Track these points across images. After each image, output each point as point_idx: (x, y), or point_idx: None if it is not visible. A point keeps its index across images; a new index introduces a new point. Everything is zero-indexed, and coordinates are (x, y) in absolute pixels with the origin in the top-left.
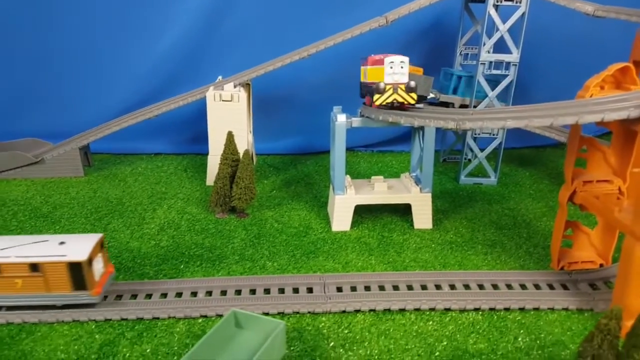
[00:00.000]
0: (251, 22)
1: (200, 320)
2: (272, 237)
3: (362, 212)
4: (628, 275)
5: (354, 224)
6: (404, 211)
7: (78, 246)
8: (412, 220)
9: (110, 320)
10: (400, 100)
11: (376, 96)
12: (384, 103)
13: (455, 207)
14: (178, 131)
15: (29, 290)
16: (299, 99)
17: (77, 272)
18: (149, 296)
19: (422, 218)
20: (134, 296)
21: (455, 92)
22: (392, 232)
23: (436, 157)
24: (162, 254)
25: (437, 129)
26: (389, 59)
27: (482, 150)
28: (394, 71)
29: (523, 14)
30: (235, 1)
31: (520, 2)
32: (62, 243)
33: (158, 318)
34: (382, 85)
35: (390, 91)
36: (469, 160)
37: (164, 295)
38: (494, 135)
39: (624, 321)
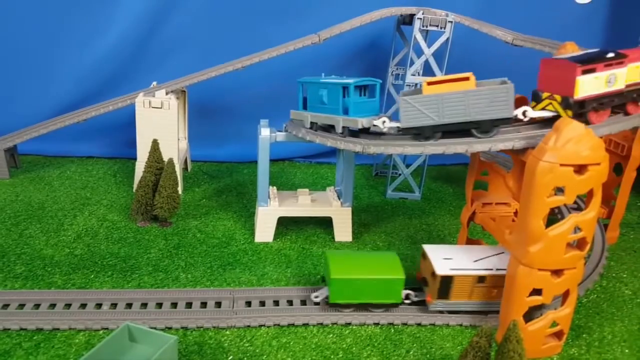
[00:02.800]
0: (192, 29)
1: (101, 332)
2: (192, 248)
3: (288, 224)
4: (511, 295)
5: (278, 234)
6: (328, 223)
7: None
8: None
9: (8, 330)
10: None
11: None
12: None
13: (378, 221)
14: (112, 134)
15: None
16: (238, 107)
17: None
18: (52, 306)
19: (342, 231)
20: (37, 306)
21: None
22: (313, 244)
23: (369, 171)
24: (75, 262)
25: None
26: None
27: (408, 166)
28: None
29: (447, 39)
30: (175, 7)
31: (444, 28)
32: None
33: (58, 329)
34: None
35: None
36: (399, 174)
37: (68, 305)
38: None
39: None
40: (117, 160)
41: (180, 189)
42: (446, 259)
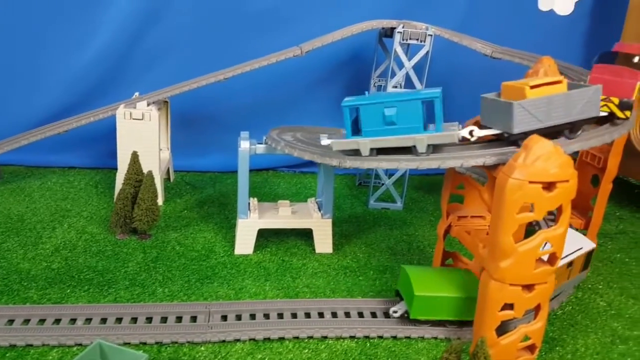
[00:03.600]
0: (175, 39)
1: (75, 349)
2: (170, 261)
3: (269, 235)
4: (483, 309)
5: (258, 247)
6: (309, 235)
7: (576, 237)
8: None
9: None
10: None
11: None
12: None
13: (359, 232)
14: (94, 144)
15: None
16: (221, 117)
17: (588, 257)
18: (26, 322)
19: (323, 243)
20: (11, 321)
21: None
22: (293, 256)
23: (352, 181)
24: (52, 276)
25: None
26: None
27: (391, 176)
28: None
29: (427, 52)
30: (158, 18)
31: (424, 41)
32: None
33: (31, 345)
34: None
35: None
36: (382, 184)
37: (42, 321)
38: None
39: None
40: (99, 170)
41: (161, 200)
42: None
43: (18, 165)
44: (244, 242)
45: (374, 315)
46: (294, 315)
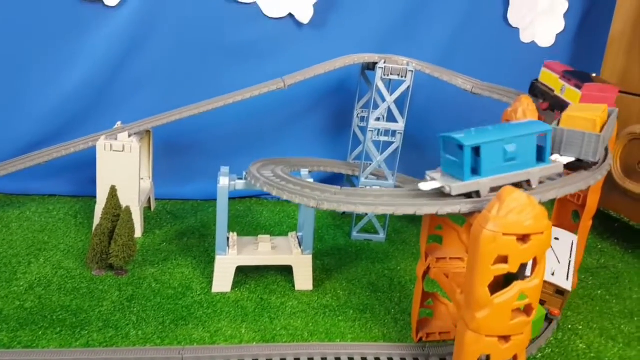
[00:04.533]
0: (159, 67)
1: None
2: (146, 300)
3: (249, 271)
4: (460, 358)
5: (237, 283)
6: (289, 270)
7: (564, 234)
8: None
9: None
10: None
11: None
12: None
13: (341, 266)
14: (75, 172)
15: None
16: (204, 145)
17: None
18: None
19: (303, 279)
20: None
21: None
22: (273, 294)
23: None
24: (24, 317)
25: None
26: None
27: None
28: None
29: (408, 87)
30: (144, 45)
31: (405, 77)
32: (556, 239)
33: None
34: None
35: None
36: (366, 214)
37: None
38: None
39: None
40: (80, 198)
41: (140, 232)
42: (552, 274)
43: None
44: (222, 280)
45: None
46: None
